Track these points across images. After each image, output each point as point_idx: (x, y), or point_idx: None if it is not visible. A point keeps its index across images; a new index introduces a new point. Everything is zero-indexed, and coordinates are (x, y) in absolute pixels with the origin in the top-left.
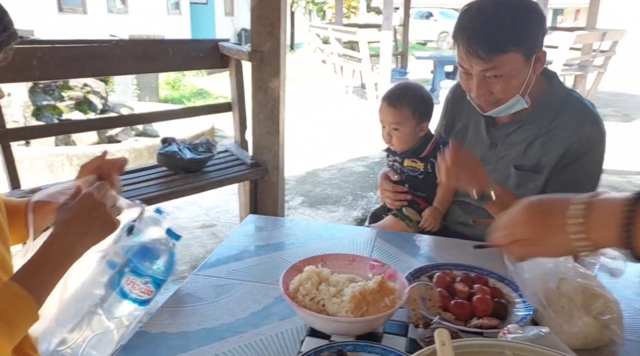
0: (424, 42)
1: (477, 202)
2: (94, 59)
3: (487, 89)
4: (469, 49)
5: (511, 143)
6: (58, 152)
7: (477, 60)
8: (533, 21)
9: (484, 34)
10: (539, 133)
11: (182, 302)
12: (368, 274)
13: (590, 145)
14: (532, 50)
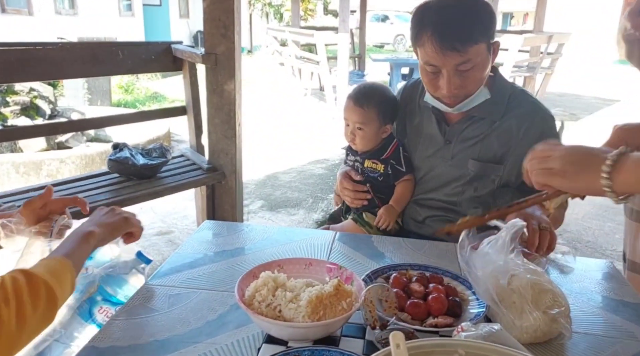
0: (381, 44)
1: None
2: (39, 62)
3: (459, 84)
4: (444, 43)
5: (465, 139)
6: (3, 160)
7: (453, 53)
8: (490, 12)
9: (457, 26)
10: (492, 126)
11: (133, 314)
12: (325, 278)
13: (547, 125)
14: (491, 40)
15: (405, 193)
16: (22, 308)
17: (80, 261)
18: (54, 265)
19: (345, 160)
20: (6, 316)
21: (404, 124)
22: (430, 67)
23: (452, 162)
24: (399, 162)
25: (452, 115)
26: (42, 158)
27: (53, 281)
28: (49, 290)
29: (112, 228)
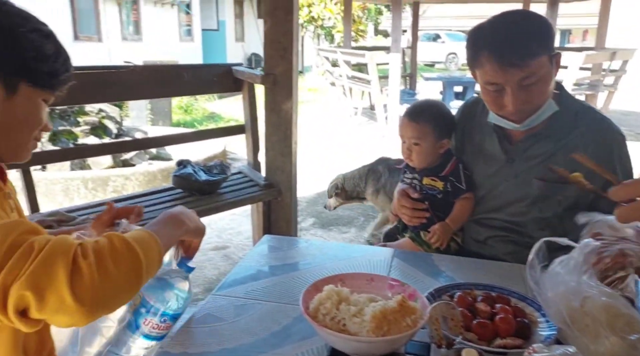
0: (432, 63)
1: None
2: (112, 85)
3: (524, 99)
4: (503, 60)
5: (529, 158)
6: (73, 176)
7: (513, 69)
8: (547, 25)
9: (516, 41)
10: (558, 145)
11: (202, 322)
12: (387, 293)
13: (617, 145)
14: (552, 53)
15: (463, 212)
16: (103, 262)
17: (168, 242)
18: (138, 233)
19: (402, 177)
20: (85, 267)
21: (463, 142)
22: (492, 86)
23: (515, 181)
24: (459, 179)
25: (516, 133)
26: (108, 175)
27: (136, 245)
28: (131, 250)
29: (197, 227)
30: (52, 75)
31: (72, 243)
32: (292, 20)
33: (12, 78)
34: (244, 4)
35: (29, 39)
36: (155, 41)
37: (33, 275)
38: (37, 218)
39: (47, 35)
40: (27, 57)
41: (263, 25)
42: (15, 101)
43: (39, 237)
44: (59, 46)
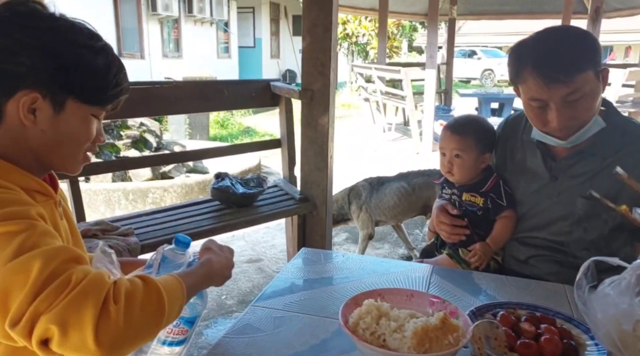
0: (467, 79)
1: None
2: (155, 99)
3: (569, 115)
4: (547, 76)
5: (574, 176)
6: (115, 188)
7: (559, 85)
8: (592, 39)
9: (560, 57)
10: (604, 164)
11: (241, 333)
12: (428, 310)
13: None
14: (599, 67)
15: (504, 231)
16: (132, 309)
17: (192, 295)
18: (172, 283)
19: (440, 193)
20: (114, 313)
21: (504, 159)
22: (536, 102)
23: (558, 199)
24: (500, 195)
25: (560, 150)
26: (148, 187)
27: (166, 297)
28: (160, 302)
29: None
30: (101, 91)
31: (107, 282)
32: (330, 38)
33: (60, 95)
34: (280, 22)
35: (77, 56)
36: (194, 58)
37: (63, 310)
38: (84, 227)
39: (97, 50)
40: (74, 74)
41: (301, 41)
42: (63, 117)
43: (79, 267)
44: (110, 61)
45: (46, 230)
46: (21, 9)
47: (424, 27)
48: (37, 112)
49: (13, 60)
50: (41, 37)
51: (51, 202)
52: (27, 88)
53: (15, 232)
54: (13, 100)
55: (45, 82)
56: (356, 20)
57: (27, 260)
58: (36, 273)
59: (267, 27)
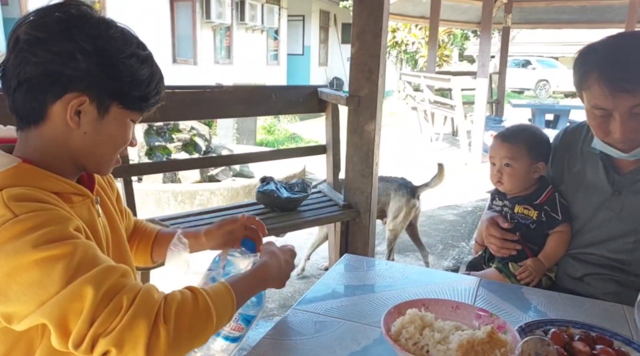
0: (520, 90)
1: None
2: (207, 103)
3: (634, 127)
4: (614, 85)
5: (639, 191)
6: (165, 189)
7: (624, 95)
8: None
9: (629, 66)
10: None
11: (282, 335)
12: (474, 323)
13: None
14: None
15: (558, 248)
16: (181, 327)
17: (243, 302)
18: (223, 294)
19: (490, 204)
20: (164, 334)
21: (561, 171)
22: (600, 111)
23: (620, 215)
24: (555, 209)
25: (625, 163)
26: (196, 189)
27: (214, 312)
28: (209, 317)
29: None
30: (144, 99)
31: (156, 301)
32: (379, 44)
33: (106, 100)
34: (329, 30)
35: (127, 65)
36: (244, 64)
37: (119, 333)
38: None
39: (143, 59)
40: (122, 82)
41: (350, 48)
42: (105, 121)
43: (128, 286)
44: (153, 70)
45: (87, 248)
46: (74, 11)
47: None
48: (82, 115)
49: (71, 64)
50: (97, 44)
51: (88, 201)
52: (77, 91)
53: (58, 257)
54: (61, 101)
55: (96, 87)
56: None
57: (79, 287)
58: (90, 301)
59: (316, 34)
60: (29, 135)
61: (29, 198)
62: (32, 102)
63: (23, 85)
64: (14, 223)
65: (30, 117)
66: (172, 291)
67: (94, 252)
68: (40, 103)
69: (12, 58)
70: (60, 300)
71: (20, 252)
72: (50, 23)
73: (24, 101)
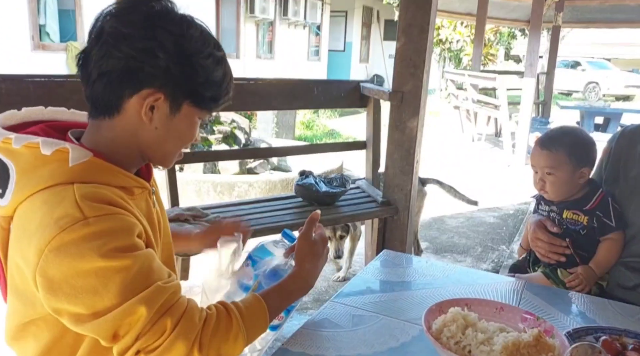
0: (568, 92)
1: None
2: (248, 95)
3: None
4: None
5: None
6: (205, 179)
7: None
8: None
9: None
10: None
11: (320, 326)
12: (519, 326)
13: None
14: None
15: (610, 256)
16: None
17: (277, 315)
18: (257, 314)
19: (536, 209)
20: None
21: (617, 174)
22: None
23: None
24: (608, 214)
25: None
26: (235, 181)
27: (247, 329)
28: (241, 335)
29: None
30: (215, 99)
31: (196, 326)
32: (426, 39)
33: (180, 98)
34: (372, 26)
35: (204, 65)
36: (285, 60)
37: (159, 353)
38: (177, 211)
39: (219, 60)
40: (198, 81)
41: (396, 42)
42: (176, 118)
43: (175, 306)
44: (226, 71)
45: (144, 261)
46: (157, 8)
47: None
48: (155, 111)
49: (152, 61)
50: (178, 42)
51: (146, 192)
52: (154, 87)
53: (118, 269)
54: (138, 96)
55: (172, 85)
56: (451, 26)
57: (134, 306)
58: (142, 319)
59: (358, 31)
60: (101, 125)
61: (99, 200)
62: (110, 95)
63: (104, 77)
64: (83, 225)
65: (106, 108)
66: (210, 309)
67: (150, 264)
68: (117, 96)
69: (95, 49)
70: (114, 317)
71: (84, 257)
72: (135, 19)
73: (103, 92)
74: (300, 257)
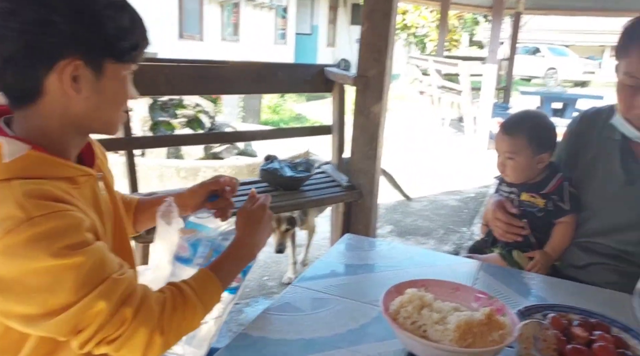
0: (529, 78)
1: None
2: (212, 78)
3: None
4: None
5: None
6: (168, 164)
7: None
8: None
9: None
10: None
11: (281, 311)
12: (473, 305)
13: None
14: None
15: (565, 239)
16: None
17: (229, 284)
18: (210, 288)
19: (498, 189)
20: (160, 343)
21: (575, 156)
22: (631, 80)
23: (631, 206)
24: (563, 198)
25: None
26: (199, 166)
27: (204, 304)
28: (198, 311)
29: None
30: (134, 47)
31: (155, 313)
32: (389, 24)
33: (98, 59)
34: (339, 10)
35: (107, 15)
36: (251, 42)
37: (121, 343)
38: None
39: (121, 6)
40: (108, 35)
41: (360, 27)
42: (103, 81)
43: (133, 298)
44: (133, 15)
45: (96, 255)
46: None
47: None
48: (80, 80)
49: (50, 29)
50: (70, 1)
51: (91, 179)
52: (68, 56)
53: (71, 266)
54: (54, 72)
55: (84, 47)
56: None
57: (92, 302)
58: (102, 313)
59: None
60: (27, 114)
61: (44, 197)
62: (25, 81)
63: (9, 64)
64: (29, 226)
65: (25, 95)
66: (163, 292)
67: (102, 257)
68: (33, 80)
69: None
70: (74, 314)
71: (35, 257)
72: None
73: (15, 81)
74: (240, 225)
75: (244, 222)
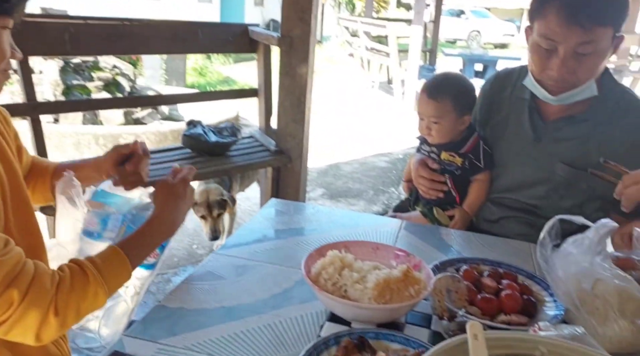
0: (454, 40)
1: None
2: (125, 37)
3: (571, 67)
4: (570, 17)
5: (559, 139)
6: (85, 131)
7: (577, 29)
8: (626, 3)
9: (591, 2)
10: (594, 131)
11: (201, 280)
12: (392, 263)
13: None
14: (618, 31)
15: (480, 196)
16: (73, 313)
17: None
18: (116, 266)
19: (419, 148)
20: (55, 324)
21: (488, 115)
22: (546, 42)
23: (538, 163)
24: (478, 157)
25: (550, 111)
26: (119, 132)
27: (107, 283)
28: (100, 290)
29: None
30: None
31: (49, 292)
32: None
33: None
34: None
35: None
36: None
37: (9, 326)
38: None
39: None
40: None
41: None
42: None
43: (20, 277)
44: None
45: None
46: None
47: None
48: None
49: None
50: None
51: None
52: None
53: None
54: None
55: None
56: None
57: None
58: None
59: None
60: None
61: None
62: None
63: None
64: None
65: None
66: (62, 270)
67: None
68: None
69: None
70: None
71: None
72: None
73: None
74: (160, 200)
75: (164, 197)
